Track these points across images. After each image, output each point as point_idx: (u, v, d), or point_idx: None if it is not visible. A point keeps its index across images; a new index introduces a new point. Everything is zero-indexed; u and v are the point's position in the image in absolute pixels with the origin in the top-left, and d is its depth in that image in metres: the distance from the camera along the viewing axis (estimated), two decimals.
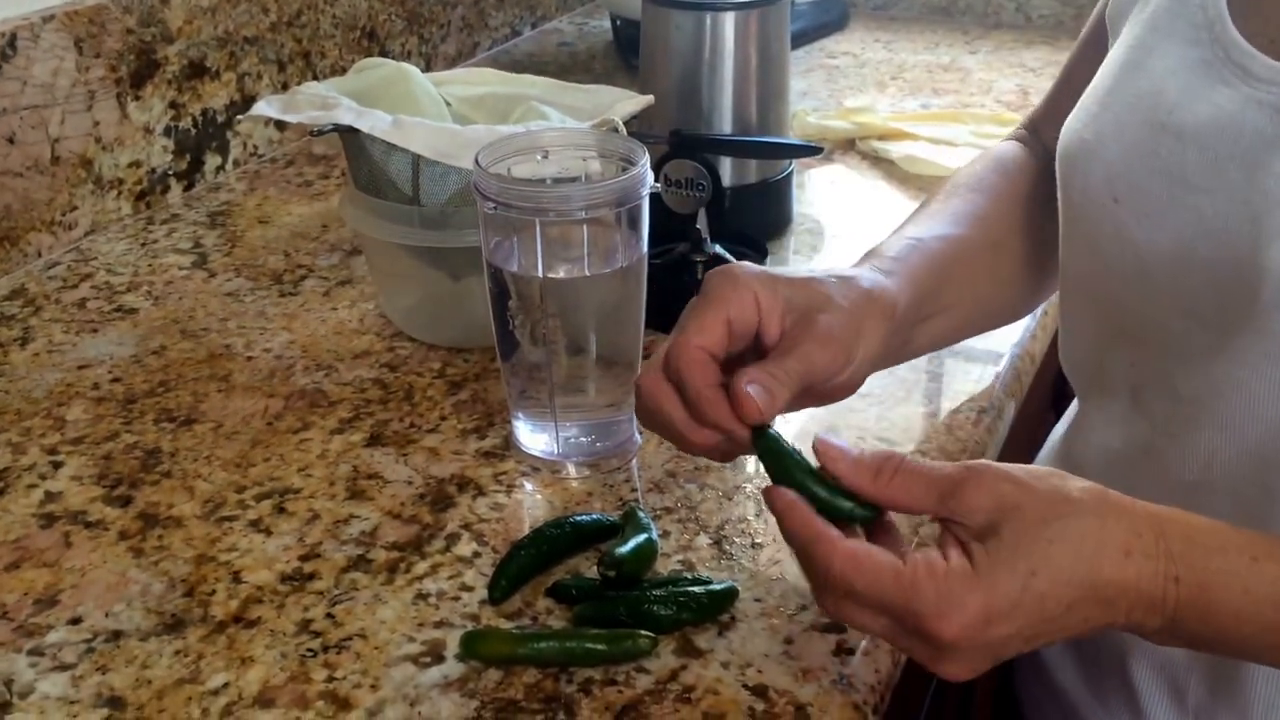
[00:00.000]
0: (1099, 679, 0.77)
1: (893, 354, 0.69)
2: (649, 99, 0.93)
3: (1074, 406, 0.84)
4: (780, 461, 0.59)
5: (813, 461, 0.58)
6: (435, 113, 0.94)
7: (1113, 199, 0.67)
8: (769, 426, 0.60)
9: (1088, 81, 0.73)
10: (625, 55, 1.59)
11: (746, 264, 0.64)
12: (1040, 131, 0.84)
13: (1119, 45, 0.72)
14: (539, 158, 0.78)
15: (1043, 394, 1.08)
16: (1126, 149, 0.67)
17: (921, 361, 0.86)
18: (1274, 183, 0.60)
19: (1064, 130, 0.72)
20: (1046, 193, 0.76)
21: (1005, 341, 0.92)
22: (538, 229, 0.73)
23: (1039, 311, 0.93)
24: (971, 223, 0.76)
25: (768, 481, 0.59)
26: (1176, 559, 0.54)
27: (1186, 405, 0.66)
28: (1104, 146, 0.68)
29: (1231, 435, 0.64)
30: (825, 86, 1.50)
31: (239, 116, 1.21)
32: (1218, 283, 0.63)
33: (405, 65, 0.95)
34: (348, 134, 0.86)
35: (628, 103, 0.91)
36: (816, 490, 0.57)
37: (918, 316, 0.69)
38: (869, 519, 0.58)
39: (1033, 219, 0.79)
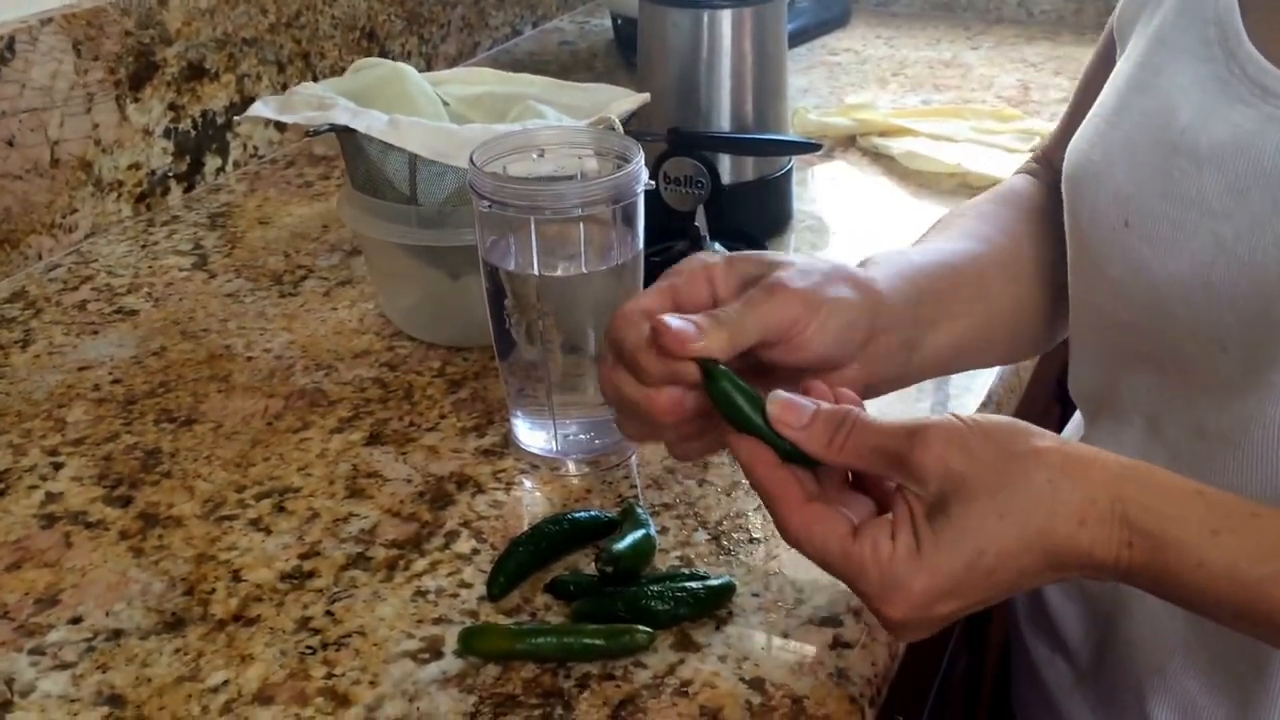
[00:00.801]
0: (1114, 718, 0.74)
1: (895, 355, 0.64)
2: (645, 97, 0.93)
3: (1075, 428, 0.81)
4: (732, 403, 0.57)
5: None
6: (432, 112, 0.95)
7: (1123, 223, 0.64)
8: (718, 365, 0.57)
9: None
10: (626, 54, 1.59)
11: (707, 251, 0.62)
12: (1053, 160, 0.80)
13: (1125, 60, 0.69)
14: (535, 156, 0.78)
15: (1043, 391, 1.07)
16: (1137, 171, 0.64)
17: None
18: None
19: (1070, 150, 0.70)
20: (1061, 221, 0.73)
21: None
22: (533, 227, 0.73)
23: None
24: (978, 240, 0.72)
25: None
26: (1132, 525, 0.52)
27: (1212, 440, 0.63)
28: (1112, 167, 0.65)
29: (1262, 473, 0.61)
30: (826, 83, 1.50)
31: (238, 118, 1.21)
32: (1241, 311, 0.60)
33: (401, 65, 0.95)
34: (345, 134, 0.86)
35: (624, 101, 0.91)
36: (774, 437, 0.56)
37: (917, 316, 0.66)
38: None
39: (1048, 249, 0.75)
